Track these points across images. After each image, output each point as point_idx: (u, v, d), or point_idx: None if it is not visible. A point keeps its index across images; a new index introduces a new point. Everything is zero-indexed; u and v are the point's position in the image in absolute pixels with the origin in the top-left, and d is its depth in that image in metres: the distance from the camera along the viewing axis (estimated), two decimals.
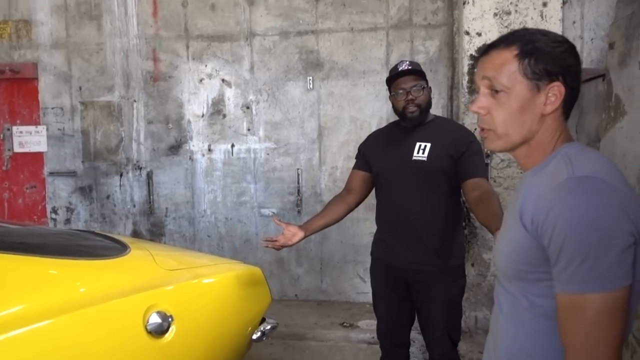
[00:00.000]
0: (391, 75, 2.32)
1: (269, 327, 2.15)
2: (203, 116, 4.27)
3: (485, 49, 1.14)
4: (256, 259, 4.18)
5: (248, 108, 4.21)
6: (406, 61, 2.34)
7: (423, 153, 2.25)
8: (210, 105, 4.26)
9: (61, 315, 1.41)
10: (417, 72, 2.28)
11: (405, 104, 2.27)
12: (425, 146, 2.26)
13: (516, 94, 1.07)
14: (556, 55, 1.06)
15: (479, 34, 3.56)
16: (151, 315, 1.60)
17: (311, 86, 4.10)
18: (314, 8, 4.07)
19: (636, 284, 0.96)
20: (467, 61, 3.59)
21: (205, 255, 2.74)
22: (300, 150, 4.17)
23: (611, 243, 0.92)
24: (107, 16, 4.29)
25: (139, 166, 4.37)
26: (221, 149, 4.28)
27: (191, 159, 4.31)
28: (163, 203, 4.38)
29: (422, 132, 2.31)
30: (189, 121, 4.29)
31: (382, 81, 4.00)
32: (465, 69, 3.60)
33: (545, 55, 1.06)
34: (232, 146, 4.26)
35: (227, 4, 4.16)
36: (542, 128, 1.09)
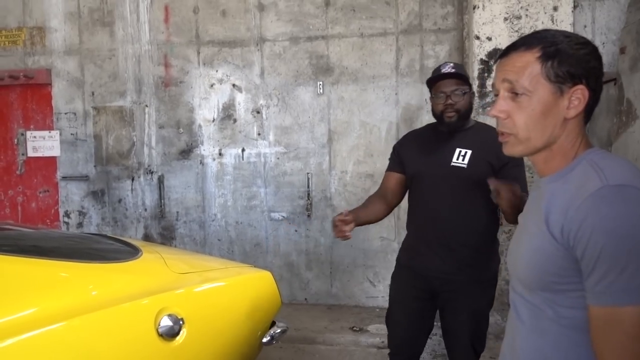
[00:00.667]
0: (432, 77, 2.22)
1: (279, 330, 2.15)
2: (214, 121, 4.30)
3: (505, 51, 1.10)
4: (266, 262, 4.19)
5: (258, 113, 4.24)
6: (450, 63, 2.23)
7: (463, 160, 2.16)
8: (220, 110, 4.29)
9: (74, 318, 1.42)
10: (460, 76, 2.18)
11: (444, 108, 2.17)
12: (466, 153, 2.17)
13: (538, 97, 1.03)
14: (580, 58, 1.03)
15: (489, 39, 3.56)
16: (162, 318, 1.61)
17: (321, 91, 4.12)
18: (324, 14, 4.09)
19: None
20: (477, 66, 3.59)
21: (216, 259, 2.76)
22: (310, 155, 4.18)
23: None
24: (119, 23, 4.35)
25: (150, 170, 4.41)
26: (232, 154, 4.30)
27: (202, 163, 4.34)
28: (174, 207, 4.41)
29: (462, 138, 2.21)
30: (199, 126, 4.32)
31: (392, 86, 4.01)
32: (476, 73, 3.60)
33: (569, 58, 1.02)
34: (243, 150, 4.28)
35: (237, 10, 4.19)
36: (565, 133, 1.05)
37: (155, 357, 1.59)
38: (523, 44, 1.06)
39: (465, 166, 2.15)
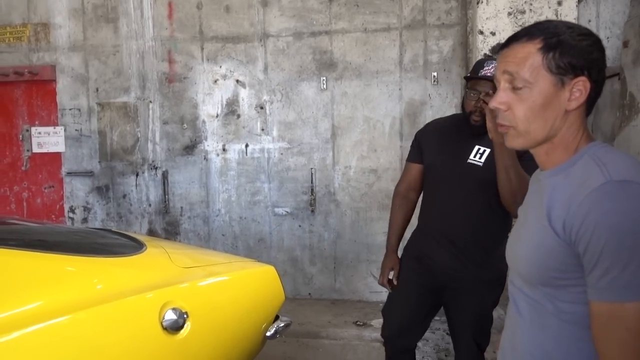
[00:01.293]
0: (471, 75, 2.17)
1: (282, 325, 2.16)
2: (217, 116, 4.31)
3: (506, 42, 1.08)
4: (270, 257, 4.21)
5: (262, 108, 4.25)
6: (493, 62, 2.12)
7: (480, 158, 2.12)
8: (224, 105, 4.30)
9: (79, 311, 1.44)
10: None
11: (474, 109, 2.10)
12: (485, 151, 2.12)
13: (539, 89, 1.02)
14: (582, 49, 1.01)
15: (493, 34, 3.55)
16: (167, 311, 1.62)
17: (325, 86, 4.12)
18: (327, 9, 4.09)
19: None
20: None
21: (220, 253, 2.78)
22: (313, 150, 4.19)
23: None
24: (123, 19, 4.36)
25: (154, 166, 4.43)
26: (235, 149, 4.31)
27: (206, 158, 4.36)
28: (178, 202, 4.43)
29: (484, 136, 2.09)
30: (203, 121, 4.33)
31: (395, 81, 4.01)
32: None
33: (571, 49, 1.01)
34: (246, 146, 4.29)
35: (241, 5, 4.19)
36: (566, 125, 1.04)
37: (160, 350, 1.61)
38: (525, 34, 1.05)
39: (481, 165, 2.11)
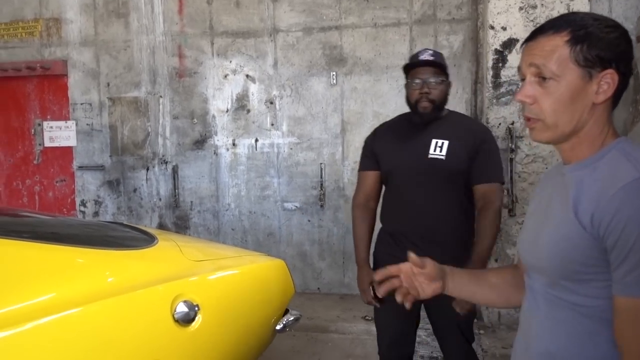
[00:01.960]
0: (410, 63, 2.16)
1: (292, 318, 2.17)
2: (227, 111, 4.33)
3: (531, 35, 1.06)
4: (279, 252, 4.22)
5: (272, 103, 4.25)
6: (429, 50, 2.17)
7: (441, 151, 2.11)
8: (234, 100, 4.31)
9: (92, 303, 1.45)
10: (439, 65, 2.12)
11: (419, 97, 2.11)
12: (443, 143, 2.11)
13: (567, 82, 1.00)
14: (610, 41, 0.99)
15: (504, 28, 3.53)
16: (178, 304, 1.64)
17: (334, 81, 4.12)
18: (337, 4, 4.08)
19: None
20: (491, 56, 3.57)
21: (230, 247, 2.79)
22: (323, 145, 4.19)
23: None
24: (134, 14, 4.37)
25: (164, 160, 4.45)
26: (245, 144, 4.33)
27: (216, 153, 4.37)
28: (188, 197, 4.45)
29: (437, 128, 2.15)
30: (213, 116, 4.35)
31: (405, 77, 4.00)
32: (490, 63, 3.58)
33: (599, 42, 0.99)
34: (256, 141, 4.31)
35: (251, 0, 4.20)
36: (593, 118, 1.02)
37: (171, 342, 1.62)
38: (551, 27, 1.03)
39: (443, 157, 2.10)
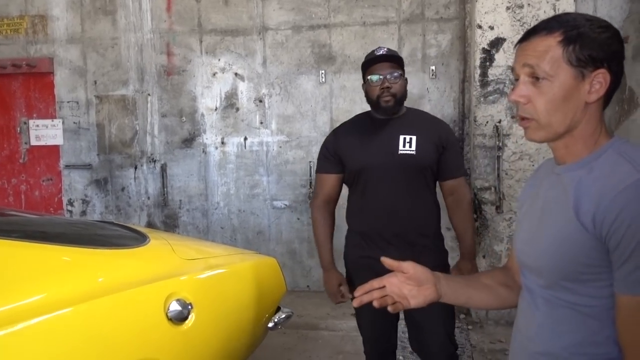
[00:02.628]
0: (367, 60, 2.17)
1: (284, 316, 2.19)
2: (216, 109, 4.32)
3: (525, 35, 1.08)
4: (268, 250, 4.22)
5: (261, 101, 4.25)
6: (384, 47, 2.21)
7: (410, 146, 2.11)
8: (223, 98, 4.30)
9: (84, 302, 1.45)
10: (395, 59, 2.13)
11: (380, 92, 2.10)
12: (411, 139, 2.12)
13: (560, 81, 1.02)
14: (602, 42, 1.01)
15: (492, 28, 3.56)
16: (171, 302, 1.64)
17: (323, 80, 4.13)
18: (326, 2, 4.09)
19: None
20: (479, 55, 3.60)
21: (222, 245, 2.79)
22: (312, 143, 4.20)
23: None
24: (121, 11, 4.34)
25: (153, 159, 4.43)
26: (234, 142, 4.32)
27: (204, 151, 4.36)
28: (177, 195, 4.43)
29: (402, 124, 2.16)
30: (202, 114, 4.34)
31: None
32: (478, 62, 3.61)
33: (591, 42, 1.01)
34: (245, 139, 4.30)
35: None
36: (586, 117, 1.04)
37: (165, 340, 1.63)
38: (544, 28, 1.05)
39: (414, 152, 2.11)
